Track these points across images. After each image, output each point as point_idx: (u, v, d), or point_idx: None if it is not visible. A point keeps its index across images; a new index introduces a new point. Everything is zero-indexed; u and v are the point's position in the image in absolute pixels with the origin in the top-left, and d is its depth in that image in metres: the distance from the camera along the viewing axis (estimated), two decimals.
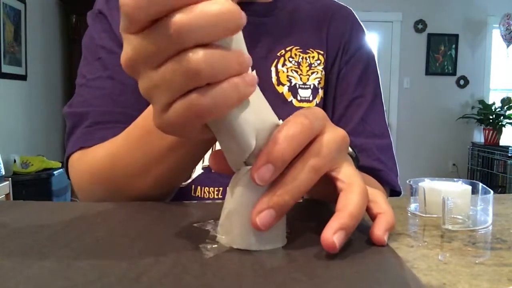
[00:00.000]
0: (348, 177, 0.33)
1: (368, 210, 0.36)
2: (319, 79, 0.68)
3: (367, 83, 0.71)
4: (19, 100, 3.22)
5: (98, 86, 0.61)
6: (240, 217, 0.32)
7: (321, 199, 0.45)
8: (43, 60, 3.62)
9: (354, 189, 0.33)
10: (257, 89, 0.32)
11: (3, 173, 2.59)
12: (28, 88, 3.35)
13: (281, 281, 0.26)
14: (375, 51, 0.86)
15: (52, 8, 3.84)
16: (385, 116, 0.73)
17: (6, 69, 3.04)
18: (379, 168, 0.67)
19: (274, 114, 0.33)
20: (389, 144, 0.71)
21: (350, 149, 0.46)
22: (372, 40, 4.83)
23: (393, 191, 0.70)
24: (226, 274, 0.27)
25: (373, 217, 0.35)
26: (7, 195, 2.48)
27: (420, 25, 4.98)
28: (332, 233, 0.30)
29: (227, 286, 0.26)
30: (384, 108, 0.73)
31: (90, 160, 0.55)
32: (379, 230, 0.33)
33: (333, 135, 0.33)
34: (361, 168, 0.65)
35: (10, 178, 2.64)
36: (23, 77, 3.30)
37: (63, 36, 3.98)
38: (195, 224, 0.38)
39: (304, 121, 0.31)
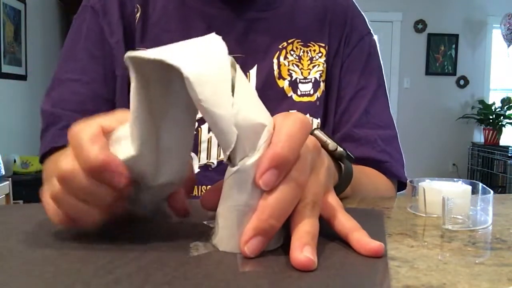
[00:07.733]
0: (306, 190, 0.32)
1: (334, 228, 0.34)
2: (320, 72, 0.68)
3: (370, 74, 0.70)
4: (19, 100, 3.22)
5: (75, 91, 0.64)
6: (224, 220, 0.31)
7: None
8: (43, 60, 3.62)
9: (306, 203, 0.31)
10: (249, 87, 0.32)
11: (3, 173, 2.58)
12: (28, 88, 3.34)
13: (241, 286, 0.26)
14: None
15: (52, 8, 3.84)
16: (389, 107, 0.72)
17: (6, 69, 3.04)
18: (384, 160, 0.66)
19: (264, 115, 0.31)
20: (394, 135, 0.70)
21: (340, 149, 0.46)
22: None
23: (400, 183, 0.70)
24: (192, 274, 0.27)
25: (343, 237, 0.33)
26: (7, 195, 2.47)
27: (420, 25, 4.97)
28: (300, 252, 0.28)
29: (184, 286, 0.26)
30: (389, 98, 0.72)
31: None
32: (372, 243, 0.31)
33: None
34: (366, 160, 0.65)
35: (10, 178, 2.63)
36: (23, 77, 3.30)
37: (63, 36, 3.98)
38: (204, 222, 0.38)
39: (300, 116, 0.31)
